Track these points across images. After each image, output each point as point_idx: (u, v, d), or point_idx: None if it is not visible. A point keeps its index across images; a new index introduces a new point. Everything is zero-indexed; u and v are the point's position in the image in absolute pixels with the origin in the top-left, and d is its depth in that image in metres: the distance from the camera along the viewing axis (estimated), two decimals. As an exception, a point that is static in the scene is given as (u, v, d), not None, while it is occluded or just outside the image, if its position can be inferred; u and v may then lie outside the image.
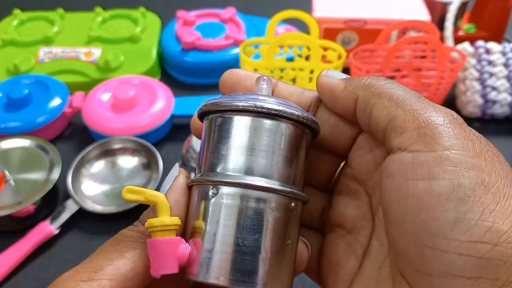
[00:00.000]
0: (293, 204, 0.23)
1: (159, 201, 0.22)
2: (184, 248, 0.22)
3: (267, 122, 0.22)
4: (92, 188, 0.53)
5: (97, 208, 0.51)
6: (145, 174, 0.54)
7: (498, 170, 0.20)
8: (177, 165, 0.24)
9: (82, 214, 0.50)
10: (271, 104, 0.22)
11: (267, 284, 0.21)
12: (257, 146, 0.22)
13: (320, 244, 0.27)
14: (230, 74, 0.26)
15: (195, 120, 0.26)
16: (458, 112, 0.64)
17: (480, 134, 0.21)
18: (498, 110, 0.61)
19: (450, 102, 0.65)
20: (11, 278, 0.47)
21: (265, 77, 0.24)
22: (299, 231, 0.24)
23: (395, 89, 0.22)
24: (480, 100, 0.61)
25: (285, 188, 0.22)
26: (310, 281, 0.45)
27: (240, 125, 0.22)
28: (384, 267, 0.23)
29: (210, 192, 0.22)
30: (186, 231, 0.23)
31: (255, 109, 0.22)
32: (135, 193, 0.22)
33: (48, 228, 0.49)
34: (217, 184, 0.22)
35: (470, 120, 0.64)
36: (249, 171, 0.22)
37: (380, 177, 0.23)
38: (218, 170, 0.22)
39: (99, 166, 0.55)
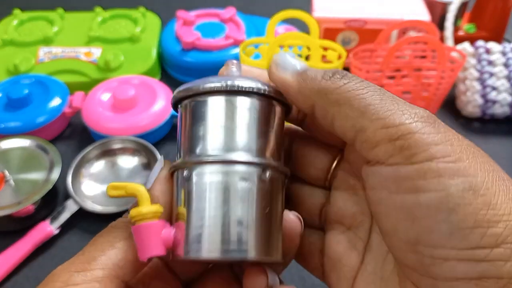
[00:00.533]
0: (268, 174, 0.23)
1: (138, 193, 0.23)
2: (168, 230, 0.23)
3: (231, 99, 0.23)
4: (92, 188, 0.53)
5: (97, 208, 0.51)
6: (145, 174, 0.54)
7: (483, 166, 0.20)
8: (162, 157, 0.25)
9: (82, 214, 0.50)
10: (242, 81, 0.23)
11: (255, 251, 0.22)
12: (227, 123, 0.23)
13: (322, 242, 0.27)
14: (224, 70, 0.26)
15: None
16: (458, 112, 0.64)
17: (452, 129, 0.21)
18: (498, 110, 0.61)
19: (450, 102, 0.65)
20: (11, 278, 0.46)
21: (234, 61, 0.25)
22: (282, 201, 0.24)
23: (355, 91, 0.20)
24: (480, 100, 0.61)
25: (251, 160, 0.22)
26: (310, 282, 0.45)
27: (212, 106, 0.23)
28: (387, 262, 0.23)
29: (185, 174, 0.23)
30: (172, 216, 0.24)
31: (226, 88, 0.22)
32: (117, 189, 0.23)
33: (48, 228, 0.49)
34: (189, 166, 0.23)
35: (470, 120, 0.64)
36: (222, 148, 0.23)
37: (364, 187, 0.22)
38: (191, 152, 0.23)
39: (99, 166, 0.55)
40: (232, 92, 0.23)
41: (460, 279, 0.19)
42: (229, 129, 0.23)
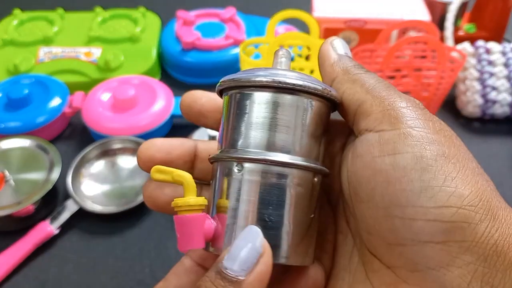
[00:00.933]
0: (316, 179, 0.23)
1: (185, 181, 0.22)
2: (210, 223, 0.22)
3: (288, 97, 0.22)
4: (92, 188, 0.53)
5: (97, 208, 0.51)
6: (145, 174, 0.54)
7: (457, 146, 0.21)
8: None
9: (82, 214, 0.50)
10: (291, 78, 0.22)
11: (289, 257, 0.22)
12: (278, 122, 0.22)
13: None
14: (187, 94, 0.27)
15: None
16: (458, 112, 0.64)
17: (438, 118, 0.23)
18: (498, 110, 0.61)
19: (450, 102, 0.65)
20: (11, 278, 0.47)
21: (283, 50, 0.25)
22: (320, 203, 0.24)
23: (369, 79, 0.24)
24: (480, 100, 0.61)
25: (308, 164, 0.22)
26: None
27: (260, 101, 0.22)
28: (353, 256, 0.25)
29: (234, 169, 0.22)
30: (210, 207, 0.23)
31: (275, 84, 0.22)
32: (162, 173, 0.22)
33: (48, 228, 0.49)
34: (239, 161, 0.22)
35: (470, 120, 0.64)
36: (271, 147, 0.22)
37: (349, 160, 0.24)
38: (240, 146, 0.22)
39: (99, 166, 0.55)
40: (281, 88, 0.22)
41: (426, 242, 0.20)
42: (277, 127, 0.22)
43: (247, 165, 0.22)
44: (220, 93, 0.25)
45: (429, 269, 0.20)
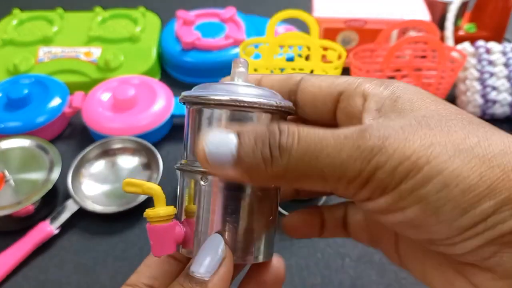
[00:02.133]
0: (274, 188, 0.25)
1: (155, 193, 0.23)
2: (180, 229, 0.24)
3: (245, 114, 0.23)
4: (92, 188, 0.53)
5: (97, 208, 0.51)
6: (145, 174, 0.54)
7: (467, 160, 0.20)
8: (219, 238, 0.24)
9: (82, 214, 0.50)
10: (247, 96, 0.23)
11: (258, 257, 0.24)
12: None
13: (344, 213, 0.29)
14: None
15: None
16: (458, 112, 0.64)
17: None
18: (498, 110, 0.61)
19: (450, 102, 0.64)
20: (11, 278, 0.46)
21: (241, 60, 0.25)
22: (277, 203, 0.25)
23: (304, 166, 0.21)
24: (480, 100, 0.61)
25: None
26: (310, 282, 0.45)
27: (219, 117, 0.23)
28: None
29: (200, 180, 0.24)
30: (179, 211, 0.25)
31: (231, 102, 0.23)
32: (133, 186, 0.23)
33: (48, 228, 0.49)
34: (203, 174, 0.23)
35: (470, 120, 0.64)
36: None
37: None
38: (194, 156, 0.24)
39: (99, 166, 0.55)
40: (238, 106, 0.23)
41: (474, 250, 0.19)
42: None
43: (210, 177, 0.23)
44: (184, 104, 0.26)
45: None
